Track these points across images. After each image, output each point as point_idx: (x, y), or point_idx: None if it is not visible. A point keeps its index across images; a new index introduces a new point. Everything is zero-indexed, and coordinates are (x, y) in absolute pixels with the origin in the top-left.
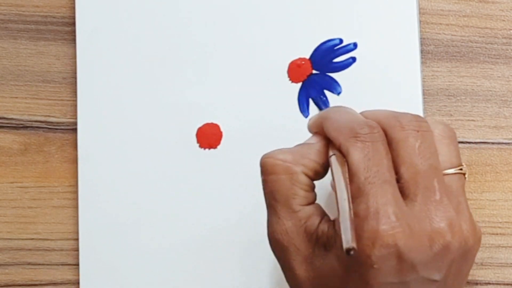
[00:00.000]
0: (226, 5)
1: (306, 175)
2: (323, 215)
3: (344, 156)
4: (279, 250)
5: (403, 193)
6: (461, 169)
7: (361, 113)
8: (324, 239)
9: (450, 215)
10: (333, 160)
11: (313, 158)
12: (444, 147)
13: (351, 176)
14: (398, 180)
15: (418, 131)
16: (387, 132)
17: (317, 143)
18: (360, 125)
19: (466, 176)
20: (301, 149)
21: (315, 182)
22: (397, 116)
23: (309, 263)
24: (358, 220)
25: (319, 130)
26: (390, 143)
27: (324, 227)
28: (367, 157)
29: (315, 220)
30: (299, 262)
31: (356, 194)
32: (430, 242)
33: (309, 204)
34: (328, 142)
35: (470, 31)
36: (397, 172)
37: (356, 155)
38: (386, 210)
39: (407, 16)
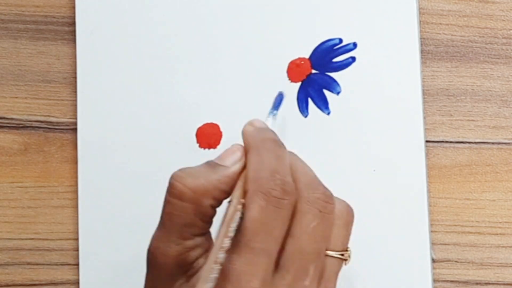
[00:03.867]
0: (226, 5)
1: (213, 207)
2: (208, 248)
3: (243, 206)
4: (153, 266)
5: (278, 263)
6: (342, 255)
7: (292, 162)
8: (194, 272)
9: None
10: (229, 208)
11: (224, 188)
12: (335, 228)
13: (238, 230)
14: (281, 248)
15: (320, 212)
16: (298, 197)
17: (233, 166)
18: (276, 185)
19: (347, 262)
20: (215, 173)
21: None
22: (312, 187)
23: None
24: (221, 278)
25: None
26: (294, 210)
27: (202, 261)
28: (261, 221)
29: (198, 252)
30: (161, 286)
31: (233, 249)
32: None
33: (202, 234)
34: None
35: (470, 31)
36: (284, 240)
37: (253, 214)
38: (248, 281)
39: (407, 16)
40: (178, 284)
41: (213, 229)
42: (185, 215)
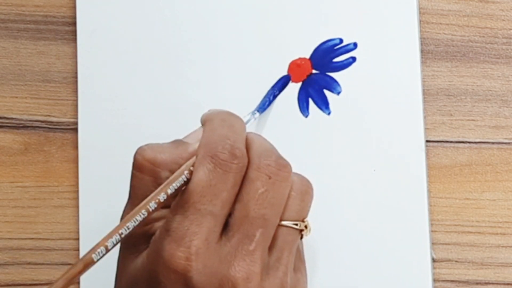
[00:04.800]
0: (226, 5)
1: None
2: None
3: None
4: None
5: (226, 228)
6: (296, 224)
7: (248, 133)
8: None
9: (252, 269)
10: (177, 171)
11: (183, 163)
12: (289, 199)
13: (185, 191)
14: (229, 214)
15: (270, 178)
16: (248, 164)
17: (195, 144)
18: (224, 149)
19: (304, 233)
20: (177, 149)
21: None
22: (264, 154)
23: (132, 261)
24: (165, 235)
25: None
26: (244, 176)
27: (159, 227)
28: (208, 183)
29: (157, 224)
30: (128, 256)
31: (178, 210)
32: (220, 286)
33: (166, 206)
34: None
35: (470, 31)
36: (232, 206)
37: (201, 176)
38: (191, 239)
39: (407, 16)
40: (139, 255)
41: None
42: (145, 186)
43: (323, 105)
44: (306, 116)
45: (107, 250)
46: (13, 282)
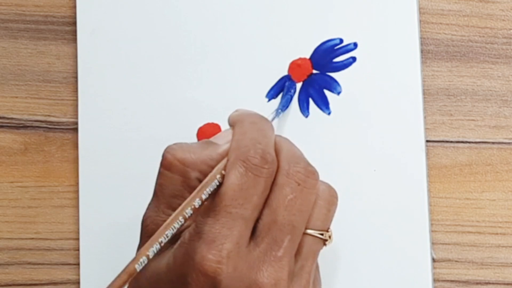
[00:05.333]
0: (226, 5)
1: (200, 181)
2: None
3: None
4: (144, 234)
5: (254, 233)
6: (321, 234)
7: (276, 137)
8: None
9: (280, 276)
10: (209, 175)
11: (212, 164)
12: (316, 208)
13: (217, 195)
14: (258, 219)
15: (299, 185)
16: (277, 170)
17: (224, 145)
18: (256, 153)
19: (328, 243)
20: (206, 149)
21: None
22: (294, 160)
23: (154, 260)
24: (196, 237)
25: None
26: (273, 181)
27: (189, 229)
28: (240, 187)
29: (187, 223)
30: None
31: (210, 213)
32: None
33: None
34: None
35: (470, 31)
36: (261, 211)
37: (232, 180)
38: (222, 243)
39: (407, 16)
40: (166, 253)
41: None
42: (173, 186)
43: (323, 105)
44: (306, 116)
45: (149, 259)
46: (13, 282)
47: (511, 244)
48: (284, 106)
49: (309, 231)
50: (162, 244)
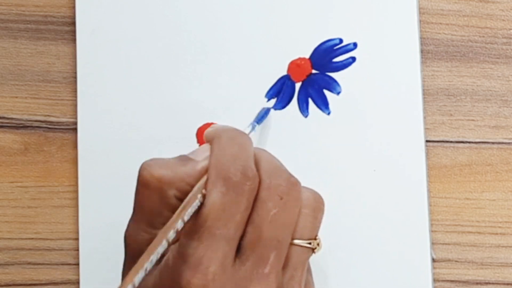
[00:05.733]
0: (226, 5)
1: (178, 198)
2: (179, 238)
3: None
4: (127, 251)
5: (239, 251)
6: (309, 243)
7: (256, 150)
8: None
9: None
10: (189, 194)
11: (190, 181)
12: (302, 217)
13: (199, 216)
14: (242, 236)
15: (281, 198)
16: (259, 184)
17: (202, 162)
18: (236, 170)
19: (317, 250)
20: (184, 166)
21: None
22: (275, 173)
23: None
24: (180, 261)
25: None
26: (255, 196)
27: (172, 250)
28: (222, 206)
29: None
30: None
31: (193, 235)
32: None
33: None
34: None
35: (470, 31)
36: (245, 228)
37: (214, 200)
38: (207, 266)
39: (407, 16)
40: (152, 271)
41: None
42: (151, 203)
43: (323, 105)
44: (306, 116)
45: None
46: (13, 282)
47: (511, 244)
48: (260, 120)
49: (296, 241)
50: (147, 270)
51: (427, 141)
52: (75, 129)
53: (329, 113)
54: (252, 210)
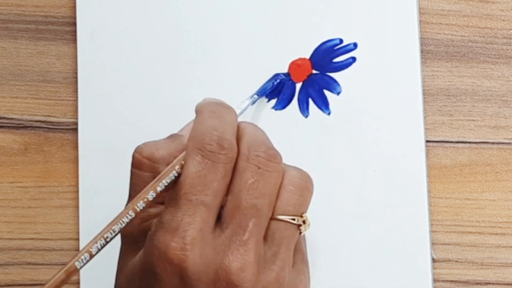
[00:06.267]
0: (226, 5)
1: None
2: None
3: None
4: (121, 237)
5: (220, 220)
6: (293, 219)
7: (241, 123)
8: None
9: (247, 259)
10: (168, 167)
11: (180, 156)
12: (286, 193)
13: (176, 184)
14: (222, 206)
15: (259, 168)
16: (237, 155)
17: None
18: (211, 140)
19: (302, 228)
20: (173, 143)
21: None
22: (255, 145)
23: (131, 258)
24: (160, 228)
25: None
26: (234, 167)
27: (154, 221)
28: (198, 174)
29: (155, 220)
30: (128, 253)
31: (171, 203)
32: (215, 276)
33: (163, 203)
34: None
35: (470, 31)
36: (225, 197)
37: (190, 168)
38: (185, 230)
39: (407, 16)
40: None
41: None
42: (145, 183)
43: (323, 105)
44: (306, 116)
45: (91, 256)
46: (13, 282)
47: (511, 244)
48: (261, 92)
49: (279, 216)
50: (108, 240)
51: (427, 141)
52: (75, 129)
53: (329, 113)
54: (231, 180)
